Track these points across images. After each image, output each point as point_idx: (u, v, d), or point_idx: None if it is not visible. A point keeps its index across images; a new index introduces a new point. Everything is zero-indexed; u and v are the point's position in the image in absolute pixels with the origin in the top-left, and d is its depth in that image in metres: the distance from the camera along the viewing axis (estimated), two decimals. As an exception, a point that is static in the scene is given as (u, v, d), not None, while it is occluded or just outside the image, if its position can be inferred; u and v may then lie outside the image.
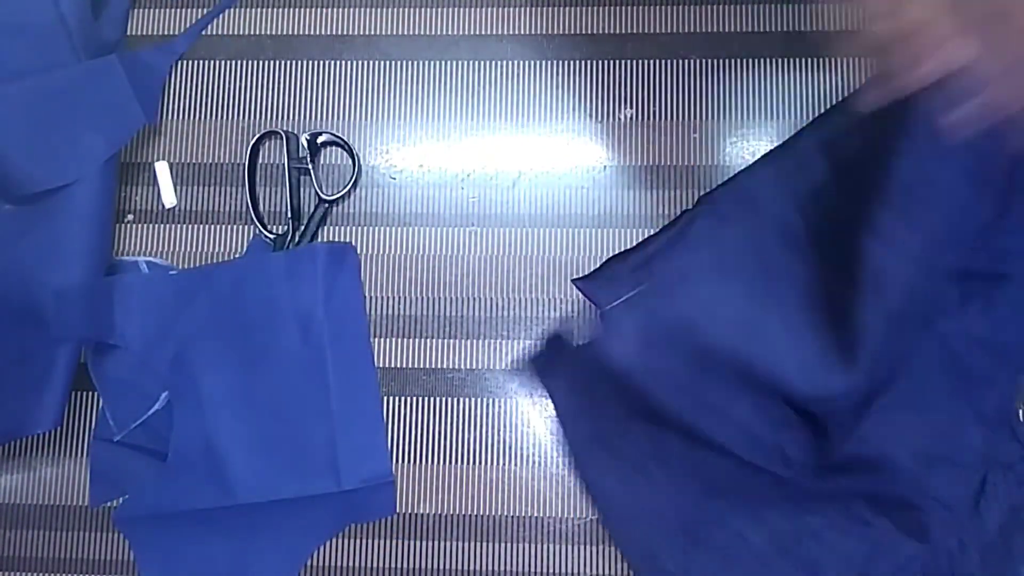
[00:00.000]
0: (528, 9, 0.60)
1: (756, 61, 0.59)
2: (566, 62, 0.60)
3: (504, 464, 0.56)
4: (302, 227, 0.58)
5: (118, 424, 0.56)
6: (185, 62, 0.61)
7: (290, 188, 0.58)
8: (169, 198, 0.59)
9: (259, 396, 0.54)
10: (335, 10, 0.61)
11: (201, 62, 0.61)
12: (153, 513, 0.54)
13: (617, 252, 0.55)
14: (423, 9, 0.61)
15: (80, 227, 0.56)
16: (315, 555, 0.55)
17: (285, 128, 0.59)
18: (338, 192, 0.58)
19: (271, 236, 0.58)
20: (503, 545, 0.55)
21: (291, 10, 0.61)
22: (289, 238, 0.58)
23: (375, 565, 0.55)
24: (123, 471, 0.56)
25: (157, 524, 0.54)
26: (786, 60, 0.59)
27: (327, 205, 0.58)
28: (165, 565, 0.54)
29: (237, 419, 0.54)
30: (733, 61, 0.59)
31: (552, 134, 0.59)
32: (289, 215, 0.58)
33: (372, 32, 0.61)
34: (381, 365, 0.57)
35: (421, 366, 0.57)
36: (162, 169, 0.60)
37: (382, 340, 0.57)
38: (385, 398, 0.57)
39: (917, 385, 0.52)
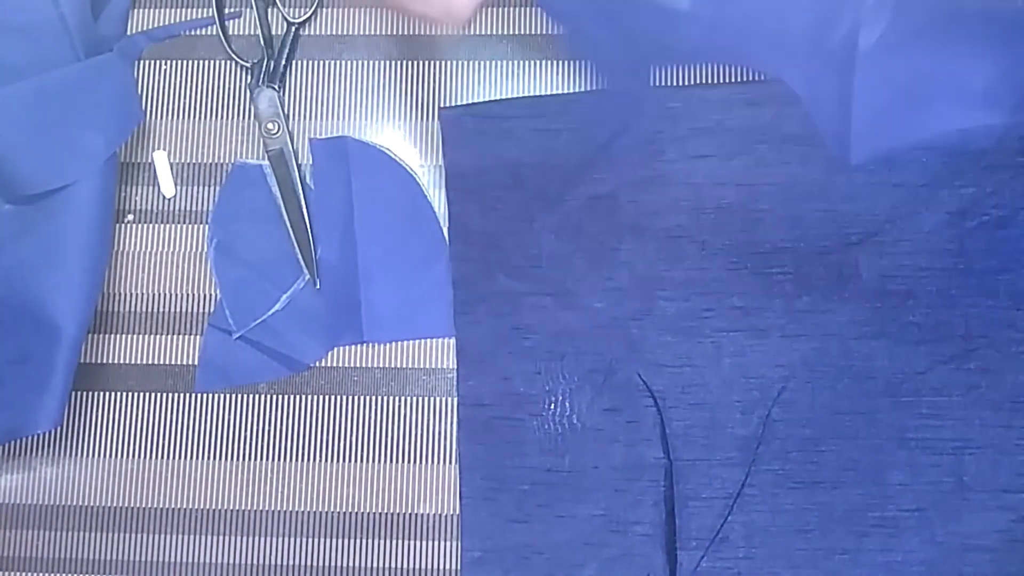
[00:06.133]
0: (528, 9, 0.60)
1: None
2: (566, 62, 0.60)
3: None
4: (275, 53, 0.60)
5: (236, 322, 0.57)
6: (185, 62, 0.61)
7: (258, 14, 0.60)
8: (168, 188, 0.59)
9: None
10: (335, 10, 0.61)
11: (201, 62, 0.61)
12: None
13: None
14: (423, 9, 0.61)
15: (80, 227, 0.56)
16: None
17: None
18: (305, 14, 0.60)
19: (247, 64, 0.59)
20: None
21: (290, 10, 0.61)
22: (264, 68, 0.59)
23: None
24: (235, 364, 0.57)
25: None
26: (786, 60, 0.59)
27: (296, 28, 0.60)
28: None
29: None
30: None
31: (552, 134, 0.59)
32: (261, 43, 0.60)
33: (372, 32, 0.61)
34: (380, 365, 0.57)
35: (420, 366, 0.57)
36: (160, 159, 0.60)
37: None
38: (385, 398, 0.57)
39: None
